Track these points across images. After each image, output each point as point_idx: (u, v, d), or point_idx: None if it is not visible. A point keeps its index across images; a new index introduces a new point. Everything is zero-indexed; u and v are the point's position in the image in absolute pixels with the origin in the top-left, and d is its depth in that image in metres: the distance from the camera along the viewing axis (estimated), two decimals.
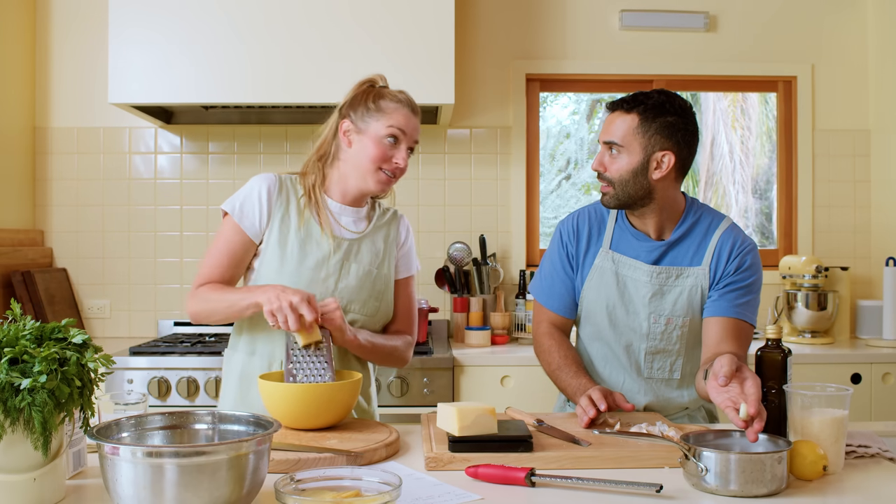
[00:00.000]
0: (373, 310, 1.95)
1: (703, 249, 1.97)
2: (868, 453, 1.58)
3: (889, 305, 3.39)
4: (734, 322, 1.92)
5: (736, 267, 1.94)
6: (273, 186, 1.93)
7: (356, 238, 1.95)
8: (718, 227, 1.98)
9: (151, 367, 2.97)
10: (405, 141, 1.89)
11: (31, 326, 1.28)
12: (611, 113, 1.95)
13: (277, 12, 3.14)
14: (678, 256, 1.97)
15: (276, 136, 3.65)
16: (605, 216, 2.05)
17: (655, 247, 1.97)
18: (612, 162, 1.91)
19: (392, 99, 1.89)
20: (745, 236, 2.00)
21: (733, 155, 5.18)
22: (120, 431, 1.31)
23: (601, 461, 1.52)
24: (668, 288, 1.96)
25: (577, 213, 2.09)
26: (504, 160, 3.71)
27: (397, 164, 1.88)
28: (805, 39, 3.78)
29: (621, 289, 1.98)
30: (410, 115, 1.89)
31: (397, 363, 2.02)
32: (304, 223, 1.91)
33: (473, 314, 3.43)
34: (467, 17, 3.69)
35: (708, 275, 1.95)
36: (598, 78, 3.79)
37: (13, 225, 3.44)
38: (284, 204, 1.92)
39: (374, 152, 1.87)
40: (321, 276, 1.89)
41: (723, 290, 1.94)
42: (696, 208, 2.01)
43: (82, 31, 3.60)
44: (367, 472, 1.23)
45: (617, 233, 2.02)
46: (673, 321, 1.96)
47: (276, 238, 1.90)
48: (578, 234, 2.05)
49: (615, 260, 2.00)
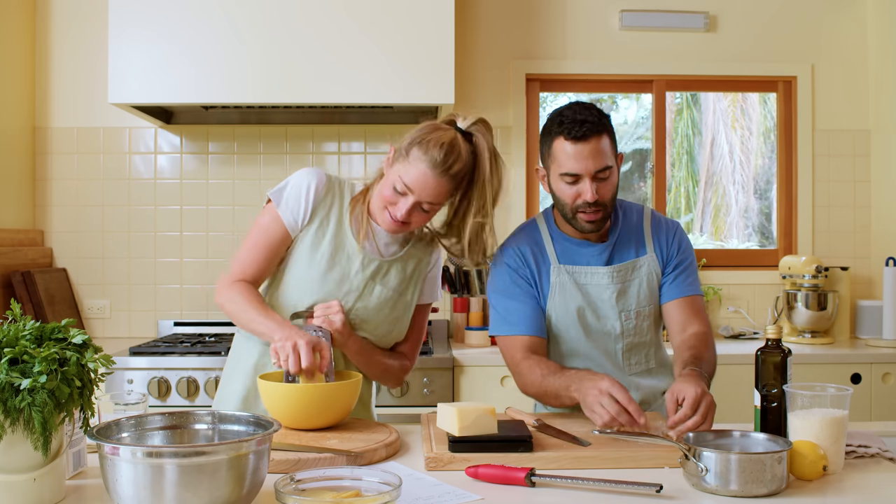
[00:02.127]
0: (384, 332, 1.92)
1: (642, 238, 2.03)
2: (868, 453, 1.58)
3: (889, 305, 3.39)
4: (691, 300, 2.00)
5: (678, 247, 2.03)
6: (322, 184, 1.87)
7: (387, 260, 1.90)
8: (644, 216, 2.06)
9: (151, 367, 2.97)
10: (413, 197, 1.77)
11: (31, 327, 1.28)
12: (583, 142, 1.84)
13: (277, 12, 3.14)
14: (624, 252, 2.01)
15: (276, 137, 3.65)
16: (539, 236, 2.02)
17: (601, 249, 2.00)
18: (604, 186, 1.89)
19: (422, 151, 1.75)
20: (667, 218, 2.11)
21: (733, 155, 5.18)
22: (120, 431, 1.31)
23: (601, 461, 1.52)
24: (629, 283, 1.99)
25: (513, 240, 2.04)
26: (504, 160, 3.70)
27: (396, 216, 1.79)
28: (805, 39, 3.78)
29: (586, 297, 1.98)
30: (429, 174, 1.74)
31: (388, 383, 2.00)
32: (341, 231, 1.87)
33: (473, 314, 3.43)
34: (467, 17, 3.69)
35: (657, 259, 2.02)
36: (598, 78, 3.79)
37: (13, 225, 3.44)
38: (328, 206, 1.88)
39: (383, 193, 1.81)
40: (343, 290, 1.85)
41: (674, 272, 2.01)
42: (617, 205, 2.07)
43: (82, 31, 3.60)
44: (367, 472, 1.23)
45: (558, 247, 2.01)
46: (641, 313, 2.00)
47: (310, 240, 1.86)
48: (525, 258, 2.00)
49: (570, 272, 1.98)
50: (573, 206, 1.90)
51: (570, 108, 1.90)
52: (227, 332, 3.51)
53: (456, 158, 1.77)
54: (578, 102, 1.93)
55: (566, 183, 1.89)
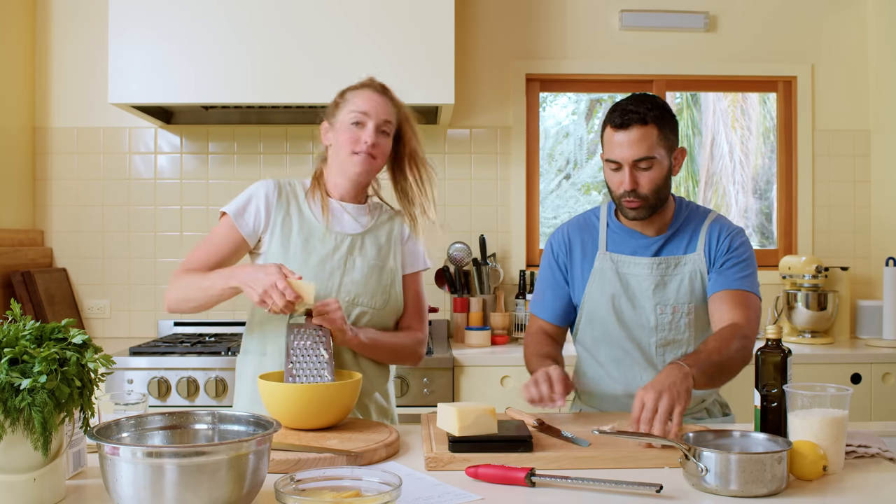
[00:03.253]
0: (381, 302, 1.97)
1: (696, 238, 2.02)
2: (868, 453, 1.58)
3: (889, 305, 3.39)
4: (739, 293, 1.95)
5: (728, 247, 2.00)
6: (272, 191, 1.98)
7: (359, 233, 1.98)
8: (707, 217, 2.06)
9: (151, 367, 2.98)
10: (371, 120, 1.92)
11: (31, 327, 1.28)
12: (624, 130, 1.90)
13: (277, 13, 3.14)
14: (674, 248, 2.02)
15: (276, 137, 3.65)
16: (596, 223, 2.10)
17: (652, 241, 2.02)
18: (644, 176, 1.92)
19: (354, 87, 1.96)
20: (732, 223, 2.08)
21: (733, 155, 5.18)
22: (120, 431, 1.31)
23: (601, 461, 1.52)
24: (669, 277, 2.00)
25: (567, 225, 2.14)
26: (504, 160, 3.71)
27: (365, 142, 1.91)
28: (805, 39, 3.78)
29: (624, 286, 2.01)
30: (372, 94, 1.94)
31: (408, 361, 2.03)
32: (306, 223, 1.95)
33: (473, 314, 3.43)
34: (467, 18, 3.69)
35: (704, 259, 2.00)
36: (598, 78, 3.79)
37: (13, 225, 3.44)
38: (285, 206, 1.97)
39: (343, 139, 1.93)
40: (326, 271, 1.92)
41: (721, 268, 1.99)
42: (686, 204, 2.09)
43: (82, 31, 3.60)
44: (367, 472, 1.23)
45: (611, 235, 2.06)
46: (679, 309, 1.99)
47: (277, 240, 1.93)
48: (570, 244, 2.09)
49: (614, 260, 2.03)
50: (617, 193, 1.96)
51: (628, 98, 1.96)
52: (227, 332, 3.51)
53: (382, 84, 1.98)
54: (639, 94, 1.96)
55: (611, 170, 1.96)
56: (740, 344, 1.84)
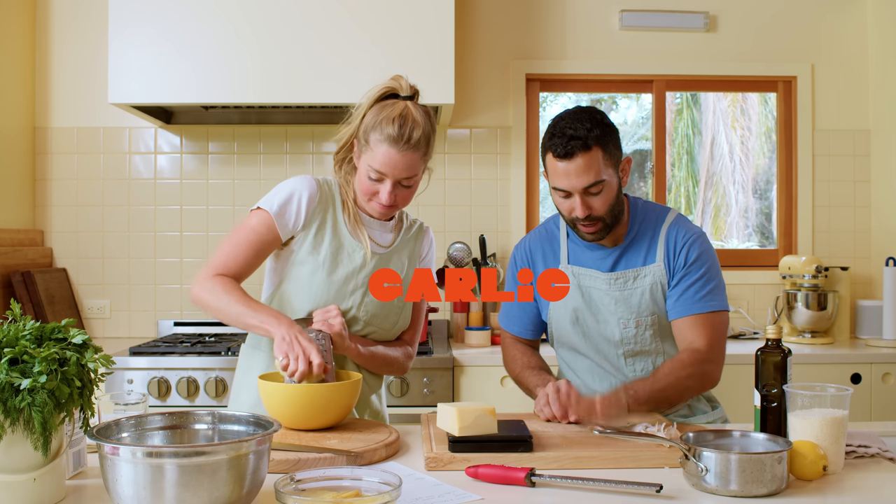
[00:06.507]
0: (391, 323, 1.95)
1: (654, 247, 1.97)
2: (868, 453, 1.58)
3: (889, 305, 3.39)
4: (699, 317, 1.92)
5: (685, 260, 1.94)
6: (315, 192, 1.88)
7: (386, 252, 1.93)
8: (664, 223, 1.99)
9: (151, 367, 2.97)
10: (389, 179, 1.81)
11: (31, 327, 1.28)
12: (568, 160, 1.83)
13: (277, 12, 3.14)
14: (632, 259, 1.98)
15: (276, 137, 3.65)
16: (556, 234, 2.06)
17: (608, 253, 1.99)
18: (596, 200, 1.87)
19: (380, 135, 1.78)
20: (690, 227, 1.99)
21: (733, 155, 5.18)
22: (120, 431, 1.31)
23: (601, 461, 1.52)
24: (630, 291, 1.96)
25: (529, 237, 2.11)
26: (504, 160, 3.71)
27: (381, 201, 1.83)
28: (805, 39, 3.78)
29: (587, 300, 1.99)
30: (395, 153, 1.78)
31: (395, 373, 2.01)
32: (338, 233, 1.89)
33: (473, 314, 3.43)
34: (467, 18, 3.69)
35: (664, 270, 1.96)
36: (598, 78, 3.79)
37: (13, 225, 3.44)
38: (322, 213, 1.89)
39: (362, 186, 1.86)
40: (349, 288, 1.88)
41: (680, 287, 1.94)
42: (640, 207, 2.02)
43: (82, 31, 3.60)
44: (367, 472, 1.23)
45: (571, 247, 2.03)
46: (642, 322, 1.96)
47: (309, 246, 1.87)
48: (532, 256, 2.07)
49: (575, 273, 2.00)
50: (570, 218, 1.92)
51: (564, 118, 1.87)
52: (227, 332, 3.51)
53: (412, 126, 1.79)
54: (575, 111, 1.89)
55: (560, 197, 1.90)
56: (695, 370, 1.86)
